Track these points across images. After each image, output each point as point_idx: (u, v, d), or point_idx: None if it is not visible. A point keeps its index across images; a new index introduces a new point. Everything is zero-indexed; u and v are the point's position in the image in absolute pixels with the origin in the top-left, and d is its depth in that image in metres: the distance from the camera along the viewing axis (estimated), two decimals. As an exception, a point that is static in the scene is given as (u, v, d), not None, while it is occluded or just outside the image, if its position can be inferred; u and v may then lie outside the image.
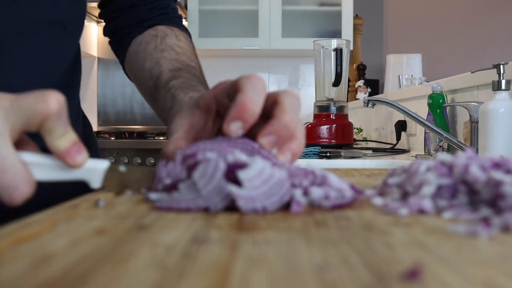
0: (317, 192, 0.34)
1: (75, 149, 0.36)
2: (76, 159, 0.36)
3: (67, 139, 0.35)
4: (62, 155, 0.35)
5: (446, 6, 3.27)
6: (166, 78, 0.54)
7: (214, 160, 0.32)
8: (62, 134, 0.35)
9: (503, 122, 0.99)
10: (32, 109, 0.33)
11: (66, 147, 0.35)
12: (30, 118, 0.34)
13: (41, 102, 0.33)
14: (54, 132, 0.35)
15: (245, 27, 2.84)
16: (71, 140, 0.36)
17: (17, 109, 0.33)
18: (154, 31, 0.63)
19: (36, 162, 0.35)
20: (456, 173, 0.33)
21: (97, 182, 0.38)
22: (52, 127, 0.34)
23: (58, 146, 0.35)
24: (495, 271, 0.19)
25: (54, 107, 0.34)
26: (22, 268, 0.20)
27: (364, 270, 0.19)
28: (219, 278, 0.18)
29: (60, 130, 0.35)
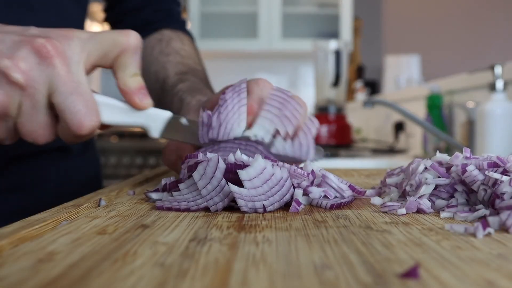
0: (316, 192, 0.34)
1: (143, 91, 0.36)
2: (143, 101, 0.36)
3: (138, 80, 0.36)
4: (132, 94, 0.36)
5: (444, 7, 3.27)
6: (173, 81, 0.55)
7: (214, 160, 0.32)
8: (135, 73, 0.36)
9: (500, 123, 0.99)
10: (113, 40, 0.34)
11: (136, 87, 0.36)
12: (109, 49, 0.34)
13: (123, 35, 0.35)
14: (129, 68, 0.35)
15: (245, 28, 2.84)
16: (141, 82, 0.36)
17: (96, 40, 0.34)
18: (159, 35, 0.63)
19: (101, 102, 0.35)
20: (454, 173, 0.34)
21: (157, 131, 0.38)
22: (128, 62, 0.35)
23: (130, 83, 0.36)
24: (492, 270, 0.19)
25: (134, 42, 0.35)
26: (24, 266, 0.20)
27: (363, 269, 0.19)
28: (220, 277, 0.18)
29: (134, 67, 0.36)
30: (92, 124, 0.33)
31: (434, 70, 3.01)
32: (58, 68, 0.31)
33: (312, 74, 2.77)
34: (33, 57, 0.31)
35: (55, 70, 0.31)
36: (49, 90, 0.32)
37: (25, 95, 0.31)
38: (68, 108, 0.32)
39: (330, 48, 1.71)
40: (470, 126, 1.24)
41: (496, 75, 1.03)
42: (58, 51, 0.32)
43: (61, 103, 0.32)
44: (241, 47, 2.80)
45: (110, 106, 0.36)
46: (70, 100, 0.32)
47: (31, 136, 0.33)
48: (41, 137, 0.33)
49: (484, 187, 0.31)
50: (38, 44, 0.31)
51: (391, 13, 3.30)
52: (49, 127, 0.33)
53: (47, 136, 0.33)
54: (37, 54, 0.31)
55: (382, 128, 2.01)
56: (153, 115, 0.38)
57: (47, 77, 0.31)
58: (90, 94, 0.33)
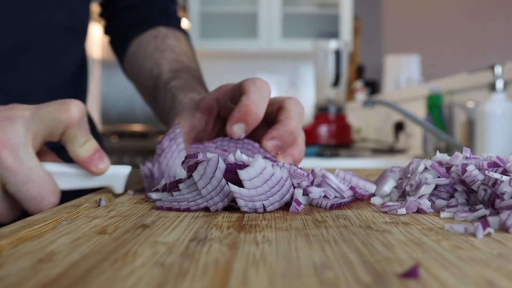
0: (316, 192, 0.34)
1: (97, 156, 0.36)
2: (99, 166, 0.36)
3: (89, 147, 0.36)
4: (85, 163, 0.36)
5: (444, 7, 3.28)
6: (167, 78, 0.55)
7: (214, 160, 0.32)
8: (84, 142, 0.35)
9: (500, 123, 0.99)
10: (54, 118, 0.34)
11: (88, 155, 0.36)
12: (52, 128, 0.34)
13: (63, 111, 0.34)
14: (77, 140, 0.35)
15: (245, 28, 2.84)
16: (93, 148, 0.36)
17: (38, 119, 0.33)
18: (154, 31, 0.63)
19: (58, 172, 0.36)
20: (454, 173, 0.34)
21: (120, 188, 0.38)
22: (75, 135, 0.35)
23: (81, 154, 0.35)
24: (492, 270, 0.19)
25: (77, 115, 0.34)
26: (24, 266, 0.20)
27: (363, 269, 0.19)
28: (220, 277, 0.18)
29: (82, 138, 0.35)
30: (50, 205, 0.34)
31: (434, 70, 3.01)
32: (5, 160, 0.31)
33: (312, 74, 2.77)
34: None
35: (3, 163, 0.31)
36: (1, 181, 0.32)
37: None
38: (23, 197, 0.32)
39: (330, 48, 1.71)
40: (470, 126, 1.24)
41: (496, 75, 1.03)
42: (3, 143, 0.31)
43: (16, 193, 0.32)
44: (241, 47, 2.80)
45: (68, 174, 0.36)
46: (23, 189, 0.32)
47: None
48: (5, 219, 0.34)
49: (484, 187, 0.31)
50: None
51: (391, 13, 3.30)
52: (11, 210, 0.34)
53: (11, 217, 0.34)
54: None
55: (382, 128, 2.01)
56: (113, 175, 0.38)
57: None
58: (43, 177, 0.33)
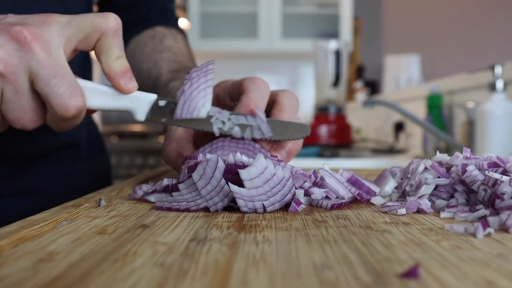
0: (318, 193, 0.34)
1: (128, 74, 0.36)
2: (128, 84, 0.36)
3: (122, 62, 0.36)
4: (116, 78, 0.35)
5: (444, 7, 3.28)
6: (166, 79, 0.55)
7: (213, 160, 0.32)
8: (118, 56, 0.35)
9: (500, 123, 0.99)
10: (91, 23, 0.34)
11: (120, 70, 0.35)
12: (88, 33, 0.34)
13: (102, 17, 0.34)
14: (111, 51, 0.35)
15: (245, 28, 2.84)
16: (126, 65, 0.36)
17: (75, 24, 0.34)
18: (152, 31, 0.63)
19: (86, 86, 0.35)
20: (454, 173, 0.34)
21: (142, 114, 0.38)
22: (110, 45, 0.35)
23: (114, 66, 0.35)
24: (492, 270, 0.19)
25: (114, 24, 0.35)
26: (24, 266, 0.20)
27: (363, 269, 0.19)
28: (220, 277, 0.19)
29: (117, 50, 0.35)
30: (78, 105, 0.33)
31: (434, 70, 3.01)
32: (37, 53, 0.31)
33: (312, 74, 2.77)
34: (11, 44, 0.31)
35: (35, 55, 0.31)
36: (30, 75, 0.32)
37: (6, 82, 0.31)
38: (51, 92, 0.32)
39: (330, 48, 1.71)
40: (470, 126, 1.24)
41: (496, 75, 1.03)
42: (36, 37, 0.32)
43: (44, 88, 0.32)
44: (241, 47, 2.80)
45: (94, 90, 0.35)
46: (52, 83, 0.32)
47: (18, 122, 0.33)
48: (28, 123, 0.33)
49: (484, 187, 0.31)
50: (15, 31, 0.31)
51: (391, 13, 3.30)
52: (35, 112, 0.33)
53: (34, 121, 0.33)
54: (14, 41, 0.31)
55: (382, 128, 2.01)
56: (139, 98, 0.37)
57: (27, 62, 0.31)
58: (72, 76, 0.33)
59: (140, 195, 0.36)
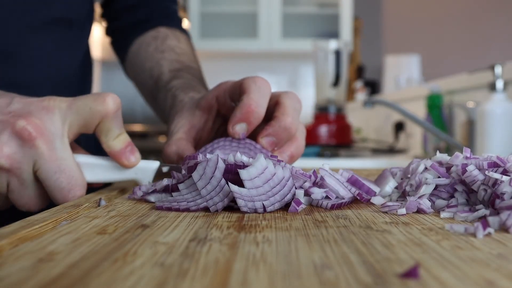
0: (318, 193, 0.34)
1: (129, 149, 0.37)
2: (130, 159, 0.37)
3: (122, 139, 0.36)
4: (117, 156, 0.36)
5: (444, 7, 3.28)
6: (167, 78, 0.55)
7: (213, 160, 0.32)
8: (118, 135, 0.36)
9: (500, 123, 0.99)
10: (90, 110, 0.34)
11: (121, 148, 0.36)
12: (88, 119, 0.35)
13: (99, 103, 0.35)
14: (111, 132, 0.36)
15: (245, 28, 2.84)
16: (126, 141, 0.37)
17: (75, 111, 0.34)
18: (155, 32, 0.63)
19: (89, 163, 0.36)
20: (454, 173, 0.34)
21: (147, 182, 0.39)
22: (109, 127, 0.36)
23: (114, 146, 0.36)
24: (492, 270, 0.19)
25: (113, 107, 0.35)
26: (24, 266, 0.20)
27: (363, 269, 0.19)
28: (220, 277, 0.18)
29: (116, 130, 0.36)
30: (76, 197, 0.34)
31: (434, 70, 3.01)
32: (40, 148, 0.32)
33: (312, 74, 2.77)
34: (15, 140, 0.32)
35: (38, 150, 0.32)
36: (34, 167, 0.33)
37: (11, 176, 0.32)
38: (52, 186, 0.33)
39: (330, 48, 1.71)
40: (470, 126, 1.24)
41: (496, 75, 1.03)
42: (40, 131, 0.32)
43: (46, 181, 0.33)
44: (241, 47, 2.80)
45: (98, 166, 0.37)
46: (54, 178, 0.33)
47: (25, 207, 0.34)
48: (34, 207, 0.35)
49: (484, 187, 0.31)
50: (19, 128, 0.32)
51: (391, 13, 3.30)
52: (40, 198, 0.34)
53: (40, 205, 0.35)
54: (19, 137, 0.32)
55: (382, 128, 2.01)
56: (142, 168, 0.38)
57: (31, 157, 0.32)
58: (74, 170, 0.34)
59: (139, 196, 0.37)
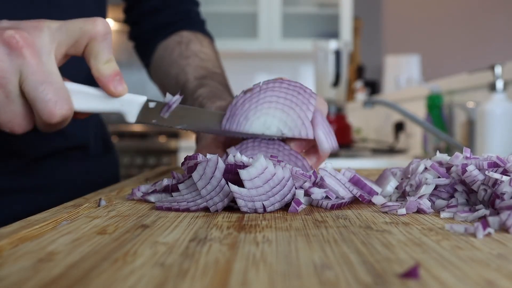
0: (318, 193, 0.34)
1: (117, 78, 0.36)
2: (117, 88, 0.36)
3: (111, 66, 0.36)
4: (105, 81, 0.36)
5: (444, 7, 3.28)
6: (193, 86, 0.55)
7: (213, 160, 0.32)
8: (107, 60, 0.36)
9: (500, 123, 0.99)
10: (80, 29, 0.35)
11: (110, 73, 0.36)
12: (77, 38, 0.35)
13: (90, 23, 0.35)
14: (100, 55, 0.35)
15: (245, 28, 2.84)
16: (115, 69, 0.36)
17: (64, 30, 0.34)
18: (178, 37, 0.63)
19: (76, 90, 0.36)
20: (454, 173, 0.34)
21: (132, 116, 0.38)
22: (98, 49, 0.35)
23: (103, 71, 0.36)
24: (492, 270, 0.19)
25: (102, 29, 0.35)
26: (24, 266, 0.20)
27: (363, 269, 0.19)
28: (220, 277, 0.19)
29: (106, 54, 0.36)
30: (63, 112, 0.33)
31: (434, 70, 3.01)
32: (27, 58, 0.32)
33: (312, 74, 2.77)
34: (2, 48, 0.31)
35: (25, 60, 0.32)
36: (20, 80, 0.32)
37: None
38: (38, 98, 0.32)
39: (330, 48, 1.71)
40: (470, 126, 1.24)
41: (496, 75, 1.03)
42: (28, 42, 0.32)
43: (31, 92, 0.32)
44: (241, 47, 2.80)
45: (84, 93, 0.36)
46: (40, 89, 0.32)
47: (8, 126, 0.33)
48: (17, 127, 0.34)
49: (484, 187, 0.31)
50: (7, 36, 0.31)
51: (391, 13, 3.30)
52: (24, 116, 0.33)
53: (24, 125, 0.34)
54: (6, 45, 0.31)
55: (382, 128, 2.01)
56: (129, 100, 0.37)
57: (17, 67, 0.32)
58: (61, 83, 0.33)
59: (139, 197, 0.37)
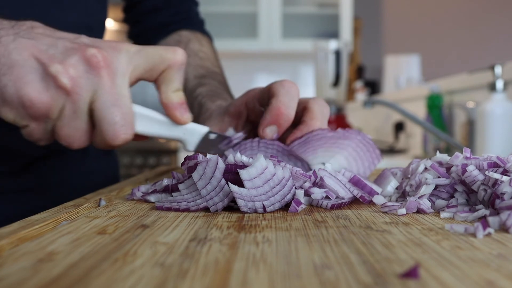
0: (318, 193, 0.34)
1: (184, 106, 0.37)
2: (184, 115, 0.37)
3: (179, 95, 0.37)
4: (173, 108, 0.37)
5: (444, 7, 3.28)
6: (192, 85, 0.55)
7: (213, 160, 0.32)
8: (178, 88, 0.37)
9: (500, 123, 0.99)
10: (160, 56, 0.35)
11: (178, 101, 0.37)
12: (155, 64, 0.35)
13: (171, 51, 0.36)
14: (172, 83, 0.36)
15: (245, 28, 2.84)
16: (182, 97, 0.37)
17: (143, 54, 0.35)
18: (177, 36, 0.64)
19: (143, 113, 0.36)
20: (454, 173, 0.34)
21: (192, 145, 0.39)
22: (172, 77, 0.36)
23: (173, 98, 0.36)
24: (492, 270, 0.19)
25: (181, 59, 0.36)
26: (24, 266, 0.20)
27: (363, 269, 0.19)
28: (220, 277, 0.19)
29: (178, 83, 0.37)
30: (126, 137, 0.34)
31: (434, 70, 3.01)
32: (104, 78, 0.32)
33: (312, 74, 2.77)
34: (82, 65, 0.32)
35: (101, 80, 0.32)
36: (91, 98, 0.33)
37: (68, 100, 0.32)
38: (106, 119, 0.33)
39: (330, 48, 1.71)
40: (470, 126, 1.24)
41: (496, 75, 1.03)
42: (107, 62, 0.33)
43: (101, 113, 0.33)
44: (241, 47, 2.80)
45: (149, 118, 0.37)
46: (110, 111, 0.33)
47: (67, 140, 0.34)
48: (76, 142, 0.34)
49: (484, 187, 0.31)
50: (89, 54, 0.32)
51: (391, 13, 3.30)
52: (85, 133, 0.34)
53: (82, 141, 0.34)
54: (86, 63, 0.32)
55: (382, 128, 2.01)
56: (191, 130, 0.39)
57: (92, 85, 0.32)
58: (129, 108, 0.34)
59: (138, 197, 0.37)
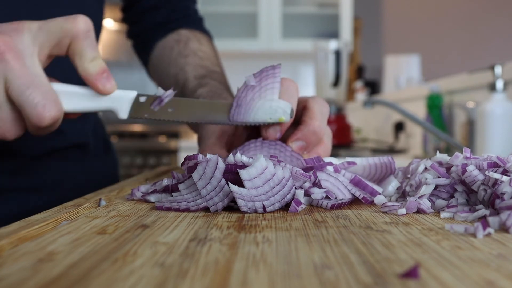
0: (318, 193, 0.34)
1: (105, 75, 0.36)
2: (106, 85, 0.36)
3: (98, 64, 0.35)
4: (92, 80, 0.35)
5: (444, 7, 3.28)
6: (193, 86, 0.55)
7: (213, 160, 0.32)
8: (92, 58, 0.35)
9: (500, 123, 0.99)
10: (60, 29, 0.34)
11: (96, 72, 0.35)
12: (59, 38, 0.34)
13: (70, 22, 0.34)
14: (84, 54, 0.35)
15: (245, 28, 2.84)
16: (102, 66, 0.36)
17: (46, 30, 0.34)
18: (176, 35, 0.63)
19: (64, 91, 0.35)
20: (454, 173, 0.34)
21: (124, 113, 0.38)
22: (82, 48, 0.35)
23: (89, 69, 0.35)
24: (492, 270, 0.19)
25: (83, 27, 0.34)
26: (24, 266, 0.20)
27: (363, 269, 0.19)
28: (220, 277, 0.19)
29: (90, 52, 0.35)
30: (52, 115, 0.33)
31: (434, 70, 3.01)
32: (10, 62, 0.31)
33: (312, 74, 2.77)
34: None
35: (8, 65, 0.31)
36: (5, 85, 0.32)
37: None
38: (26, 102, 0.32)
39: (330, 48, 1.71)
40: (470, 126, 1.24)
41: (496, 75, 1.03)
42: (9, 46, 0.31)
43: (18, 97, 0.32)
44: (241, 47, 2.80)
45: (73, 93, 0.35)
46: (27, 93, 0.32)
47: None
48: (8, 133, 0.33)
49: (484, 187, 0.31)
50: None
51: (391, 13, 3.30)
52: (14, 122, 0.33)
53: (14, 131, 0.33)
54: None
55: (382, 128, 2.01)
56: (119, 97, 0.37)
57: (1, 73, 0.31)
58: (48, 85, 0.33)
59: (138, 197, 0.37)
